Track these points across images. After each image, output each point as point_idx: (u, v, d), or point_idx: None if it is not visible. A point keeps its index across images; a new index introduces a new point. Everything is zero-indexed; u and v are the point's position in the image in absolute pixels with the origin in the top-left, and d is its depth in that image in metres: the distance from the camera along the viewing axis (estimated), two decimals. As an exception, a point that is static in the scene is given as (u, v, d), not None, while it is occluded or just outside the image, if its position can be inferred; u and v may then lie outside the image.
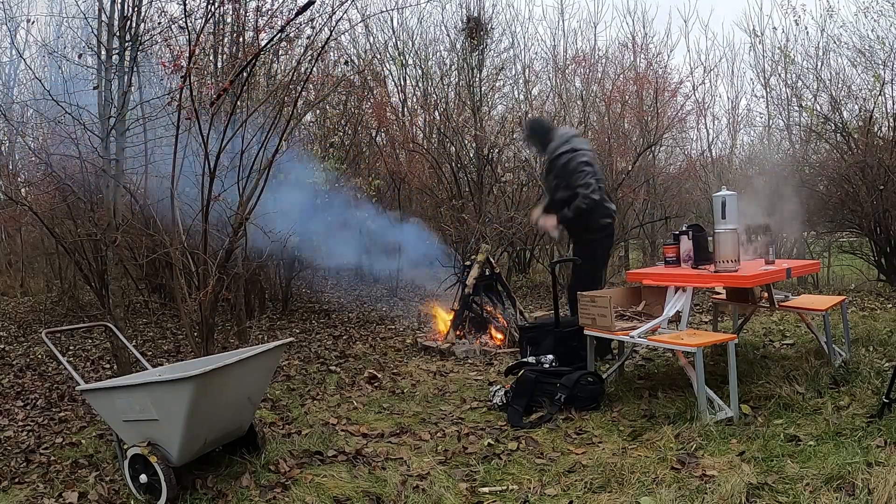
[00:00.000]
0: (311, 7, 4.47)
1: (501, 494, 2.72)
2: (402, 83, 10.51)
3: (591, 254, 4.82)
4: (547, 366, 4.09)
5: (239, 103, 4.31)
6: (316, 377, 4.86)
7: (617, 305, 3.95)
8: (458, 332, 5.74)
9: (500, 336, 5.67)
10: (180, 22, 4.53)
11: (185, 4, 4.24)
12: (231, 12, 6.01)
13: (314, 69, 6.14)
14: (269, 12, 5.71)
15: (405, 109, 10.33)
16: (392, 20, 10.31)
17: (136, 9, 4.40)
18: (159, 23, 4.83)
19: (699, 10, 26.86)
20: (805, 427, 3.10)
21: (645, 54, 10.03)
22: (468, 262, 6.11)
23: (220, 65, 6.31)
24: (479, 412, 3.88)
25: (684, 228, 4.08)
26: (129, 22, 4.38)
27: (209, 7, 4.51)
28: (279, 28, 4.77)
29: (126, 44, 4.42)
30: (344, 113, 8.98)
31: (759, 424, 3.18)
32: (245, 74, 4.47)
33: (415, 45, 10.44)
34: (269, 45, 5.18)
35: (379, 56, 10.23)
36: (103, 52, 4.42)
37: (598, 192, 4.68)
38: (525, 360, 4.29)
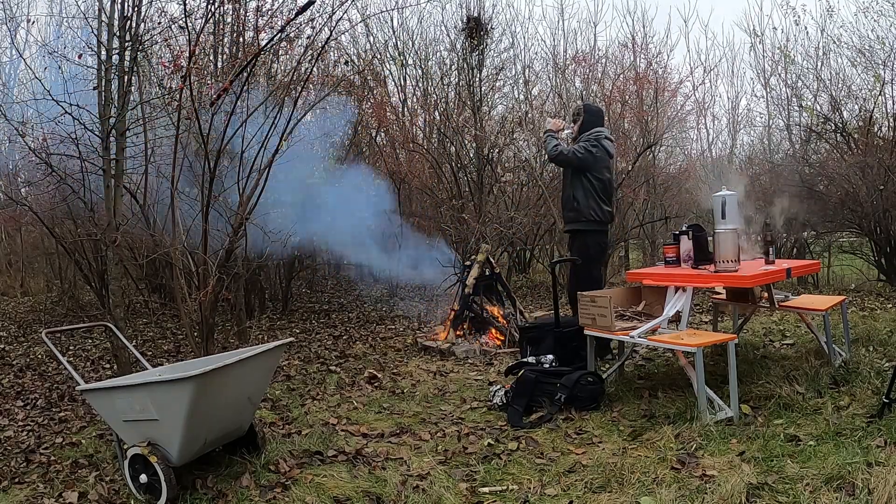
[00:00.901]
0: (311, 7, 4.48)
1: (501, 494, 2.72)
2: (402, 83, 10.50)
3: (586, 252, 4.87)
4: (547, 366, 4.09)
5: (239, 103, 4.31)
6: (316, 377, 4.86)
7: (617, 305, 3.95)
8: (458, 332, 5.74)
9: (500, 336, 5.67)
10: (180, 22, 4.54)
11: (185, 4, 4.25)
12: (231, 12, 6.01)
13: (314, 69, 6.13)
14: (269, 12, 5.72)
15: (405, 109, 10.32)
16: (392, 20, 10.31)
17: (136, 9, 4.40)
18: (159, 23, 4.84)
19: (699, 10, 26.89)
20: (805, 427, 3.10)
21: (645, 54, 10.03)
22: (468, 262, 6.11)
23: (220, 65, 6.31)
24: (479, 412, 3.88)
25: (684, 228, 4.08)
26: (129, 22, 4.39)
27: (209, 7, 4.52)
28: (279, 28, 4.77)
29: (126, 44, 4.42)
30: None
31: (759, 424, 3.18)
32: (245, 74, 4.47)
33: (415, 45, 10.44)
34: (269, 45, 5.18)
35: (379, 56, 10.22)
36: (103, 52, 4.42)
37: (593, 187, 4.80)
38: (525, 360, 4.29)
